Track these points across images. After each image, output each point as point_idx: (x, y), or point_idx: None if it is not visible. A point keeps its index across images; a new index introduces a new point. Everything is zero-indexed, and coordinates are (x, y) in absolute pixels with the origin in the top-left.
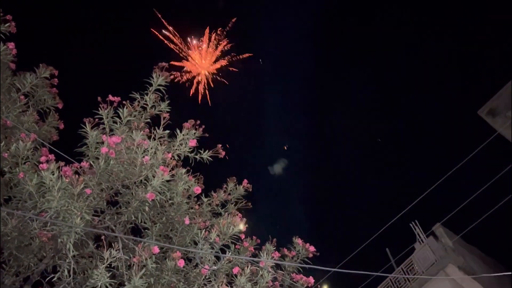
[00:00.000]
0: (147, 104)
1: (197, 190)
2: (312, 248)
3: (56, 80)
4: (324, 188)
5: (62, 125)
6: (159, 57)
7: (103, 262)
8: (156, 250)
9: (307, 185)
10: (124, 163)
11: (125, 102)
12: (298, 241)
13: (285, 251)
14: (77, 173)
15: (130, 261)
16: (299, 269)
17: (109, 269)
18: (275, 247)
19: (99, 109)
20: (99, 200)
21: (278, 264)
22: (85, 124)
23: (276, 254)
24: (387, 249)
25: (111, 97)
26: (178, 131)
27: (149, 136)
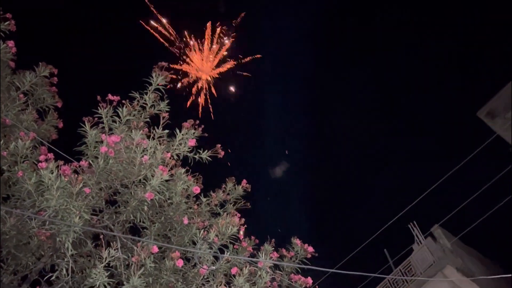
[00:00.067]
0: (146, 104)
1: (196, 190)
2: (310, 249)
3: (56, 79)
4: (324, 188)
5: (61, 124)
6: (159, 57)
7: (101, 261)
8: (155, 249)
9: (306, 185)
10: (123, 162)
11: (124, 102)
12: (296, 241)
13: (284, 251)
14: (76, 172)
15: (128, 260)
16: (297, 269)
17: (107, 268)
18: (273, 248)
19: (99, 108)
20: (98, 199)
21: (277, 265)
22: (84, 123)
23: (275, 255)
24: (385, 250)
25: (110, 97)
26: (178, 131)
27: (148, 136)
